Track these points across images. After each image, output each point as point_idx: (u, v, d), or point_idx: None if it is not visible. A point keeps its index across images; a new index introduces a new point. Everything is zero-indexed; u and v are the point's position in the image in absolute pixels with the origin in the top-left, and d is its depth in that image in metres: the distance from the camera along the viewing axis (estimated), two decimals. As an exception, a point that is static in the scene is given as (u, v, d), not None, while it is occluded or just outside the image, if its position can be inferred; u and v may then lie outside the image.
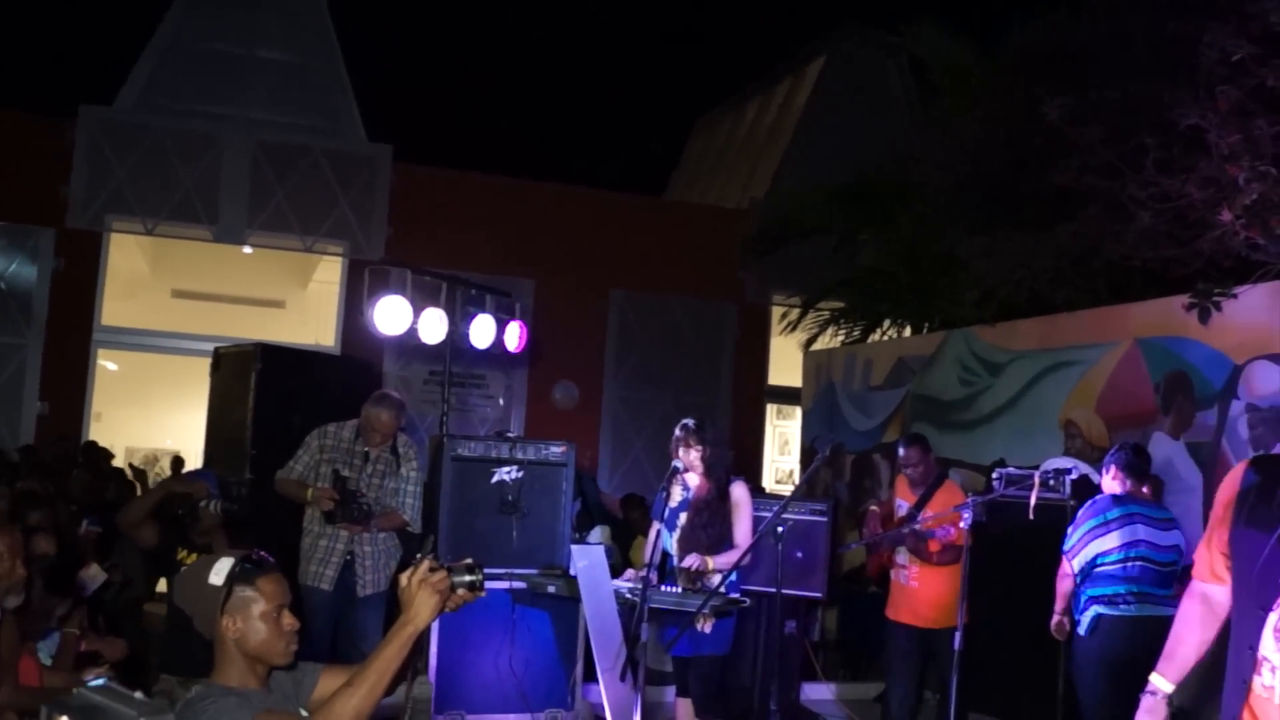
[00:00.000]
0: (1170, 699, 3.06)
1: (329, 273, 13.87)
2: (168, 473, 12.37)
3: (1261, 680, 2.68)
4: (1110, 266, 8.33)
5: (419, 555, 2.92)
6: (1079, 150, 7.76)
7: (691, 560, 5.48)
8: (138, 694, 2.93)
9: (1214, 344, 7.32)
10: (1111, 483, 5.67)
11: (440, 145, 16.43)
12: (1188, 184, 7.20)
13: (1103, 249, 8.06)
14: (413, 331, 6.81)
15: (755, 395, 14.50)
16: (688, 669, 5.68)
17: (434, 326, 6.82)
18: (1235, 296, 7.14)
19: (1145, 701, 3.07)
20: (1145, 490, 5.78)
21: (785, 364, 14.14)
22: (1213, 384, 7.29)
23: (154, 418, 15.13)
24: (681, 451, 5.63)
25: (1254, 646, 2.70)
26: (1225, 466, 7.17)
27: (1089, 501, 5.68)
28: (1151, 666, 3.11)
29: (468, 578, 2.80)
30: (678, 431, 5.70)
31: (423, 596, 2.74)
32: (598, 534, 9.60)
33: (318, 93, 13.40)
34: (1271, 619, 2.67)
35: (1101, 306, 8.55)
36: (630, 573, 5.86)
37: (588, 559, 5.35)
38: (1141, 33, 7.65)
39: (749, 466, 12.85)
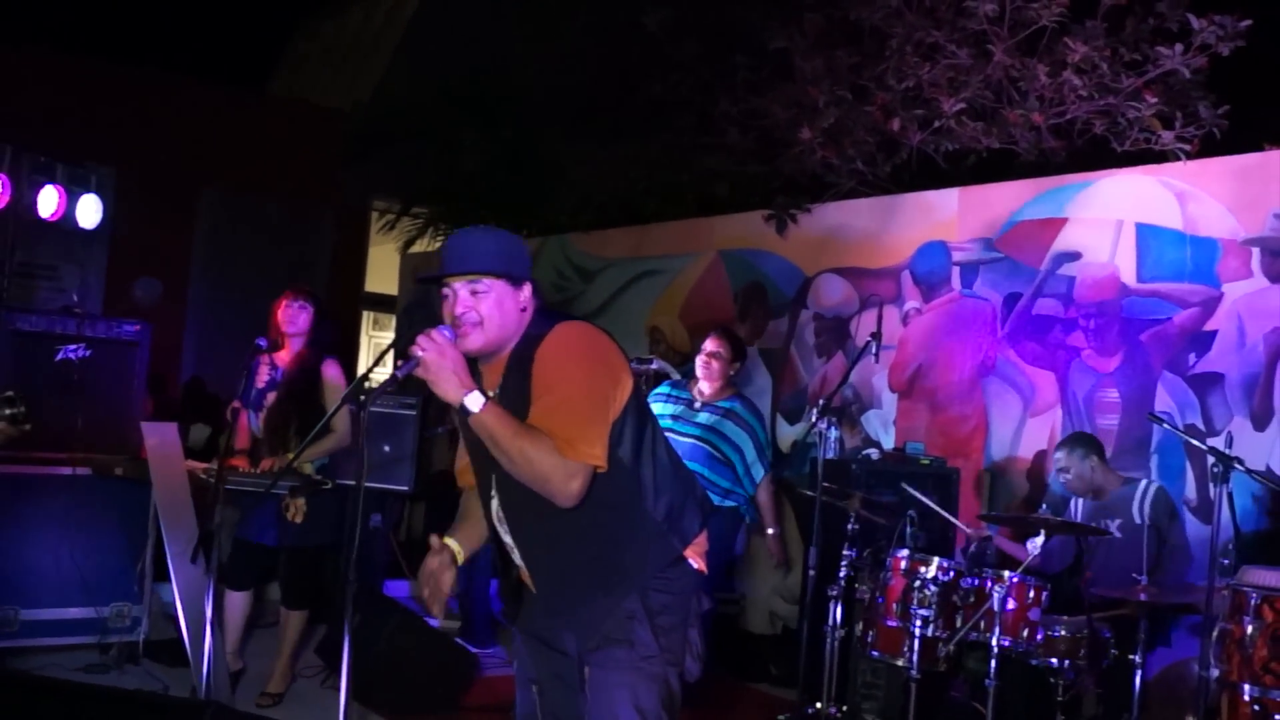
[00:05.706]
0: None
1: None
2: None
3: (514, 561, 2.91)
4: (698, 180, 8.74)
5: None
6: (675, 65, 8.06)
7: (266, 464, 5.20)
8: None
9: (788, 256, 7.83)
10: None
11: (23, 16, 14.70)
12: (773, 104, 7.66)
13: (692, 163, 8.44)
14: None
15: (351, 302, 14.14)
16: (275, 559, 5.41)
17: (-9, 192, 6.20)
18: (809, 211, 7.68)
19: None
20: None
21: (384, 272, 13.89)
22: (785, 294, 7.82)
23: None
24: (284, 310, 5.25)
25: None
26: (793, 371, 7.74)
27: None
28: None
29: (7, 410, 2.60)
30: (287, 291, 5.34)
31: None
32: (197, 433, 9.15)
33: None
34: (493, 504, 2.93)
35: (688, 219, 8.95)
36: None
37: (159, 437, 5.03)
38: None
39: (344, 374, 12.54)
